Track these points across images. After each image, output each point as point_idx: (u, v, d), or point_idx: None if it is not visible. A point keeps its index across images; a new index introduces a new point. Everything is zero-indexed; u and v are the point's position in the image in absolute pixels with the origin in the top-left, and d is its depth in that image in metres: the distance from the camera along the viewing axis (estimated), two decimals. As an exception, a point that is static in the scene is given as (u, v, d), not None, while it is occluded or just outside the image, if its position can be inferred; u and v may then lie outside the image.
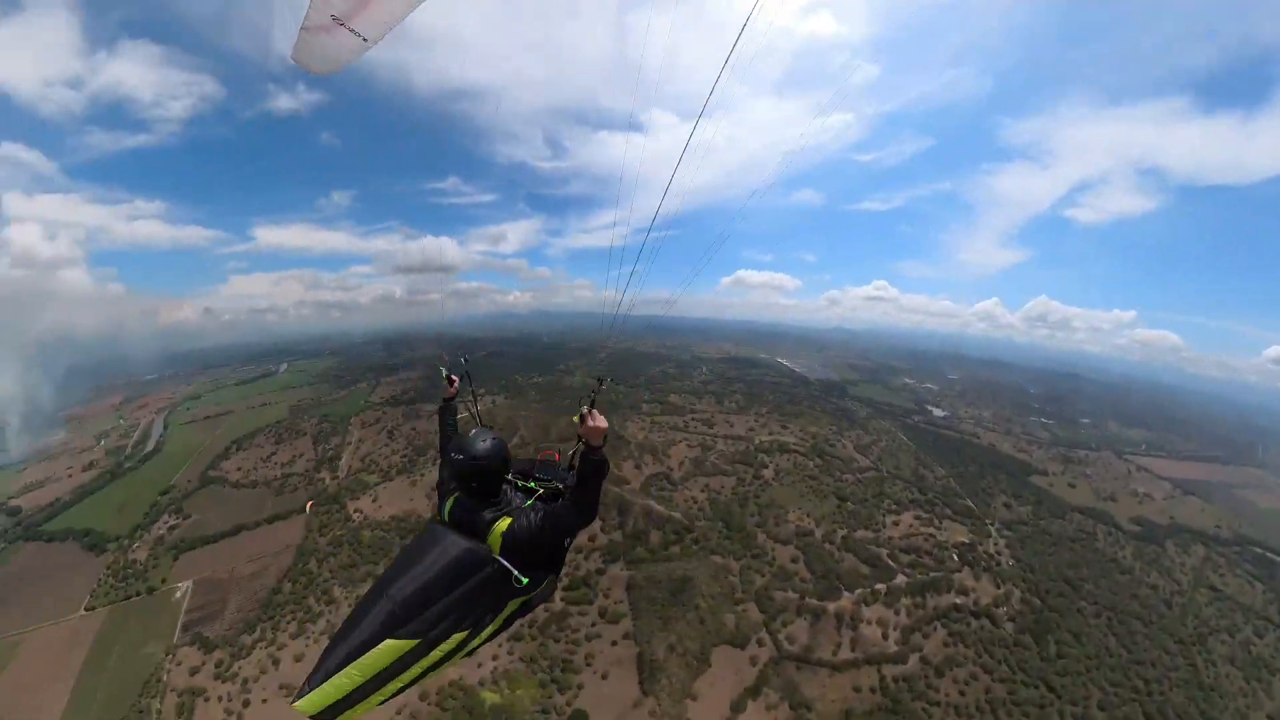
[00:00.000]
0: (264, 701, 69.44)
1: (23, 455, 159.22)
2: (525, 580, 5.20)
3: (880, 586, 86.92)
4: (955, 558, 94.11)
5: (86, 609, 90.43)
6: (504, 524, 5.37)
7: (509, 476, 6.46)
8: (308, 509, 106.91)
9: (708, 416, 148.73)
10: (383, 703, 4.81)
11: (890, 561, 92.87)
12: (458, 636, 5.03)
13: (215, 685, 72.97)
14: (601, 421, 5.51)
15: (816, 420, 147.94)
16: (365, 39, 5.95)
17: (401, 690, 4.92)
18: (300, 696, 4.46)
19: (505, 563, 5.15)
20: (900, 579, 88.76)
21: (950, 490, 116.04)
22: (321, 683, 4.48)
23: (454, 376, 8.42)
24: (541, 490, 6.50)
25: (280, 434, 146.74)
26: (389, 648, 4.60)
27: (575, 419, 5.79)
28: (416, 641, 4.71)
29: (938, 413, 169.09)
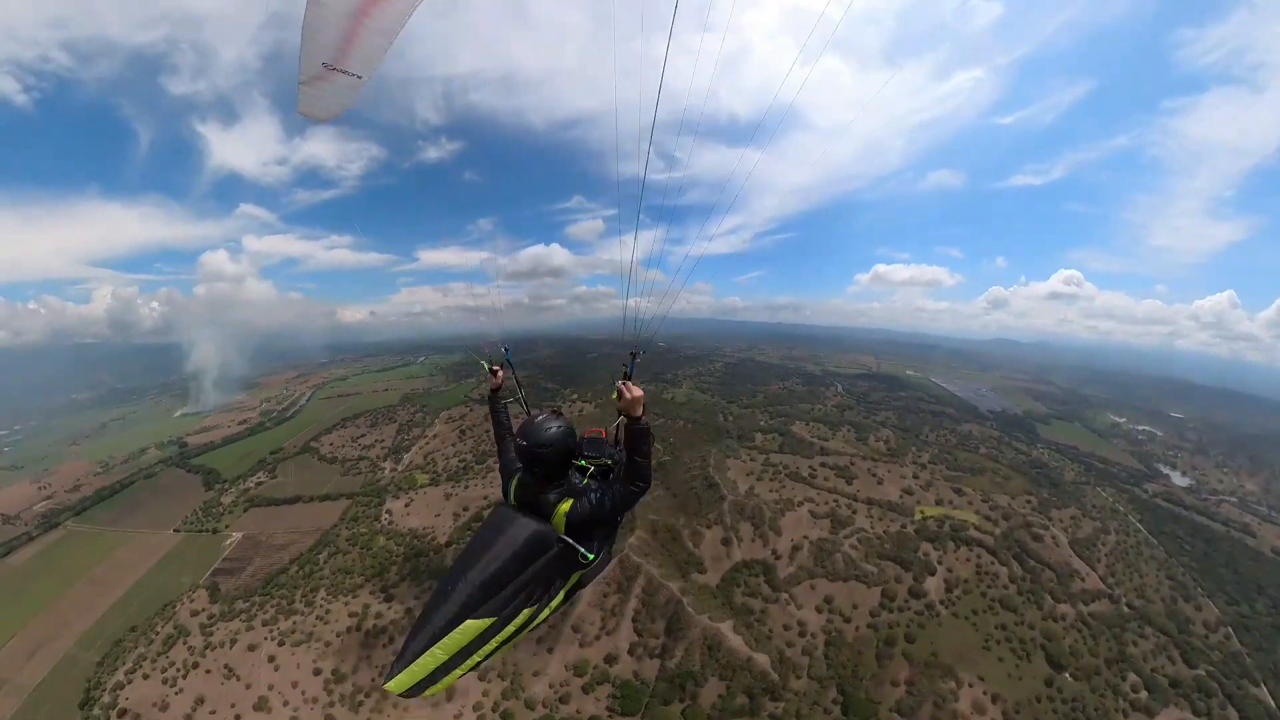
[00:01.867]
0: (207, 672, 69.43)
1: (210, 406, 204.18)
2: (592, 557, 5.51)
3: None
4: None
5: (174, 530, 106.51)
6: (566, 505, 5.52)
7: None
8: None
9: (846, 463, 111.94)
10: (461, 676, 5.14)
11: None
12: (527, 612, 5.29)
13: (197, 635, 76.34)
14: (637, 391, 5.52)
15: (1004, 482, 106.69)
16: (359, 76, 6.37)
17: (478, 665, 5.19)
18: (390, 678, 4.77)
19: (572, 542, 5.40)
20: None
21: (1233, 656, 67.68)
22: (409, 664, 4.76)
23: (496, 368, 8.40)
24: (592, 468, 6.93)
25: (378, 417, 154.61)
26: (469, 627, 4.91)
27: (614, 395, 5.81)
28: (493, 620, 5.02)
29: (1178, 480, 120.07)
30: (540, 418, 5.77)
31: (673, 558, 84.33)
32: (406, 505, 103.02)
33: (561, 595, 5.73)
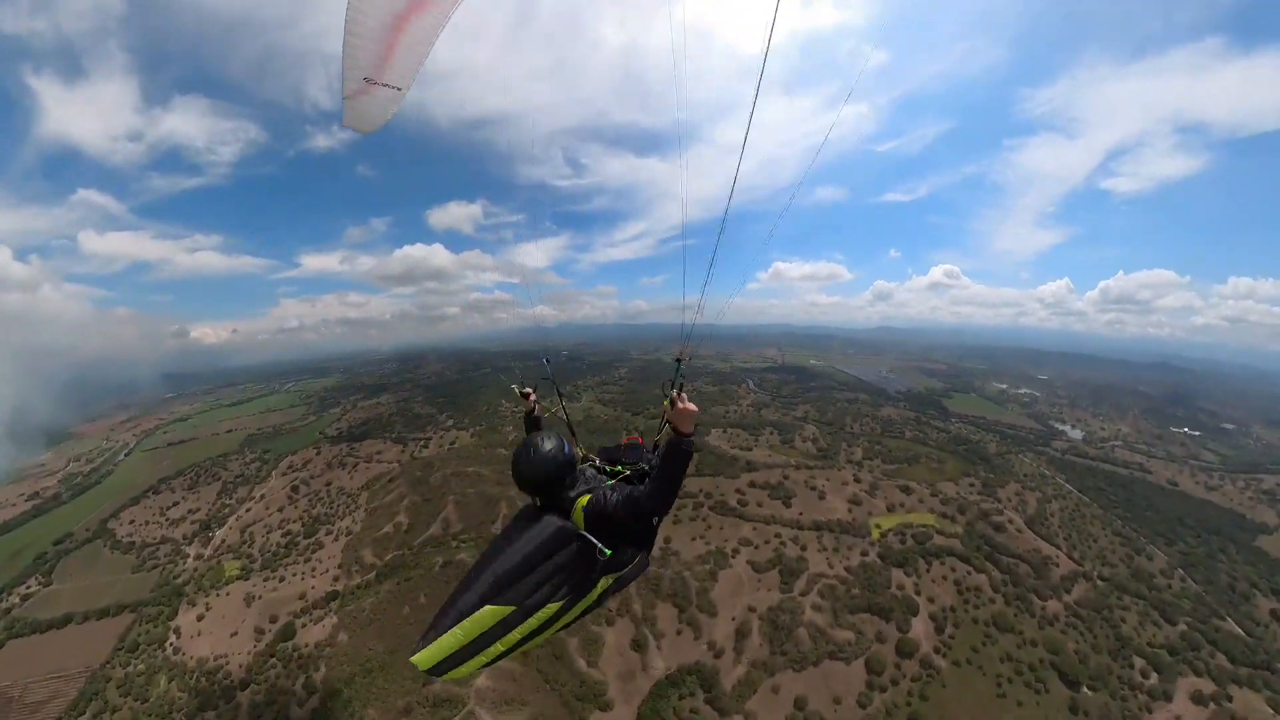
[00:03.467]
0: None
1: (1, 476, 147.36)
2: (609, 552, 5.40)
3: None
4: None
5: None
6: (584, 500, 5.64)
7: (595, 464, 7.05)
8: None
9: (778, 478, 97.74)
10: (486, 665, 5.32)
11: None
12: (552, 607, 5.37)
13: None
14: (691, 406, 5.34)
15: (941, 465, 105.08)
16: (398, 88, 6.66)
17: (503, 655, 5.31)
18: (416, 652, 5.05)
19: (590, 536, 5.39)
20: None
21: (1196, 598, 70.88)
22: (435, 639, 5.03)
23: (528, 390, 8.19)
24: (628, 472, 6.82)
25: (201, 474, 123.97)
26: (489, 612, 5.08)
27: (666, 403, 5.63)
28: (513, 609, 5.14)
29: (1073, 434, 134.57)
30: (517, 452, 5.81)
31: (556, 693, 58.76)
32: (200, 617, 75.90)
33: (594, 595, 5.78)
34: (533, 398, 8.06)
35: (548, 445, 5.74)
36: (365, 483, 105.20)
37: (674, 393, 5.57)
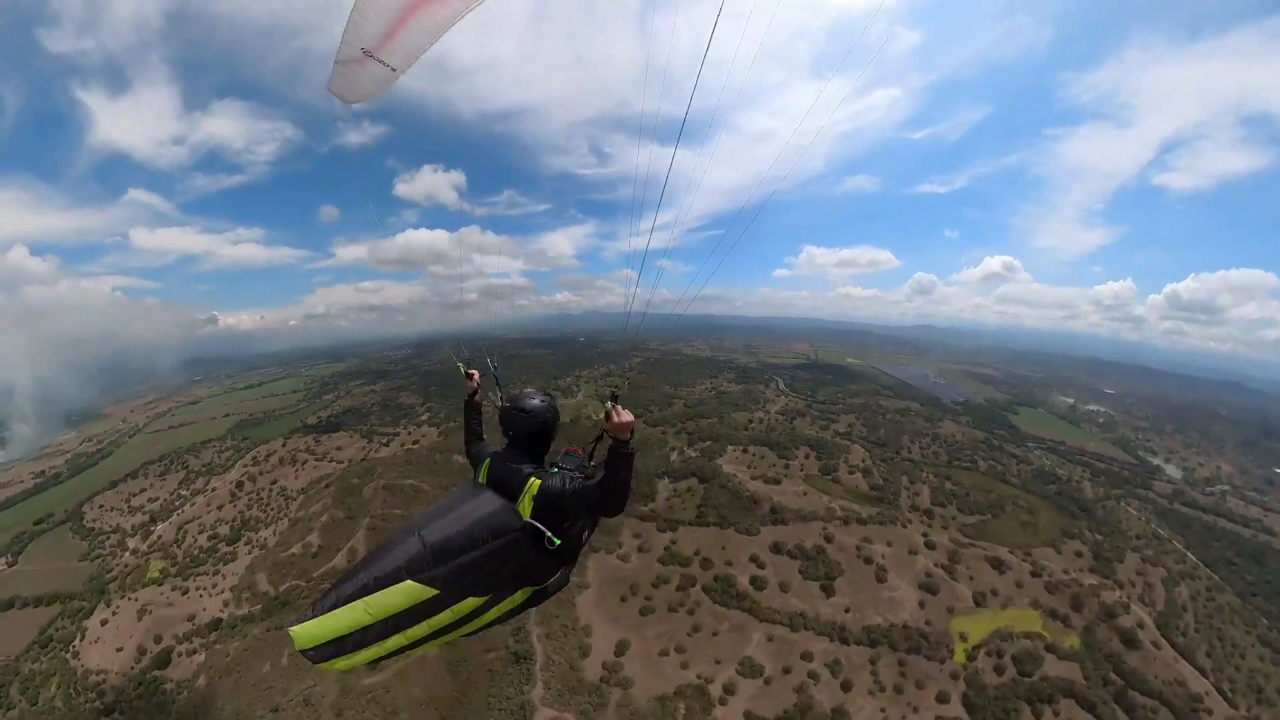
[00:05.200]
0: None
1: (20, 452, 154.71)
2: (559, 541, 4.86)
3: None
4: None
5: None
6: (535, 484, 5.05)
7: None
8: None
9: (816, 538, 72.18)
10: (374, 661, 4.52)
11: None
12: (473, 601, 4.78)
13: None
14: (627, 417, 5.10)
15: (1034, 517, 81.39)
16: (394, 69, 6.35)
17: (398, 652, 4.59)
18: (300, 623, 4.12)
19: (538, 525, 4.87)
20: None
21: None
22: (331, 609, 4.14)
23: (472, 371, 7.57)
24: (559, 472, 6.12)
25: (173, 462, 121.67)
26: (407, 589, 4.30)
27: (601, 415, 5.49)
28: (435, 592, 4.42)
29: (1170, 470, 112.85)
30: (526, 390, 5.73)
31: None
32: (104, 622, 69.53)
33: (513, 602, 5.26)
34: (476, 379, 7.42)
35: (544, 398, 5.60)
36: (305, 485, 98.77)
37: (609, 405, 5.19)
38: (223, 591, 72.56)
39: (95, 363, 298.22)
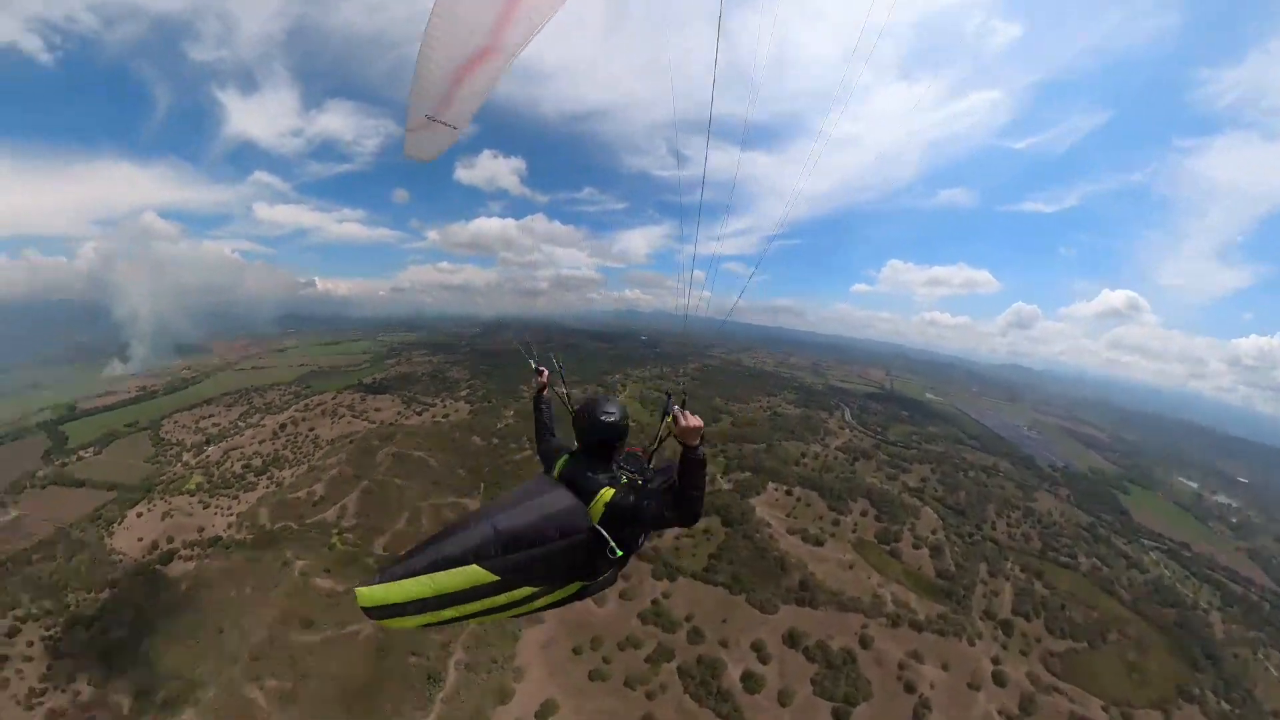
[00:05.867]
0: None
1: (138, 369, 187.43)
2: (620, 553, 4.98)
3: None
4: None
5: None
6: (608, 493, 5.12)
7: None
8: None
9: (851, 636, 57.90)
10: (427, 625, 4.74)
11: None
12: (527, 590, 4.93)
13: None
14: (695, 421, 5.06)
15: (1141, 658, 62.39)
16: (455, 127, 7.22)
17: (449, 622, 4.79)
18: (370, 585, 4.30)
19: (604, 532, 4.97)
20: None
21: None
22: (399, 579, 4.32)
23: (542, 368, 7.91)
24: (626, 480, 6.13)
25: (238, 398, 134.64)
26: (471, 572, 4.47)
27: (669, 419, 5.65)
28: (496, 578, 4.57)
29: None
30: (602, 396, 5.79)
31: None
32: (141, 514, 79.05)
33: (564, 593, 5.36)
34: (545, 376, 7.71)
35: (619, 406, 5.66)
36: (334, 438, 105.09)
37: (675, 409, 5.19)
38: (232, 515, 78.57)
39: (207, 307, 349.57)
